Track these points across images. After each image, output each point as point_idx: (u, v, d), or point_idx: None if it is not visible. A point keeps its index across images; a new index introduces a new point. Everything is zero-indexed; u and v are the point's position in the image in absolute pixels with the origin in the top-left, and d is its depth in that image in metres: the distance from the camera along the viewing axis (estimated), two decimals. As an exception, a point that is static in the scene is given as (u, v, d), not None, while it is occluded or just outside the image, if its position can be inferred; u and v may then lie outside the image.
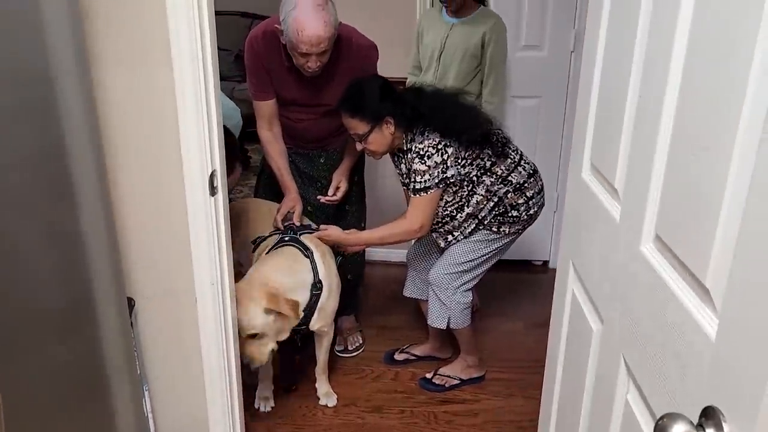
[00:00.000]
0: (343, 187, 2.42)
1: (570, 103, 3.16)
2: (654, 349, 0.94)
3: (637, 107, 1.06)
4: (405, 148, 2.18)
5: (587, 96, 1.35)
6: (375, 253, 3.36)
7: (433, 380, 2.51)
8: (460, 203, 2.22)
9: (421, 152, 2.11)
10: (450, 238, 2.30)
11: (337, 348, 2.69)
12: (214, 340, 1.69)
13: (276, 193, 2.46)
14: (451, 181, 2.16)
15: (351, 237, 2.27)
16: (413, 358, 2.66)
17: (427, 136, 2.11)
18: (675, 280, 0.88)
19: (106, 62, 1.48)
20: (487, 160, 2.19)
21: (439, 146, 2.10)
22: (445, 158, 2.11)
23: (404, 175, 2.25)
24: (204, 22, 1.48)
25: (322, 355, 2.37)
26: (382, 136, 2.15)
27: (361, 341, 2.76)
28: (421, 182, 2.13)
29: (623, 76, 1.12)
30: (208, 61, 1.51)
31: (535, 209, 2.30)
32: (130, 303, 1.68)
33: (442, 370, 2.54)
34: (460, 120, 2.14)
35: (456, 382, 2.51)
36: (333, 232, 2.24)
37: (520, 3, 3.02)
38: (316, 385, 2.42)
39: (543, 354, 1.75)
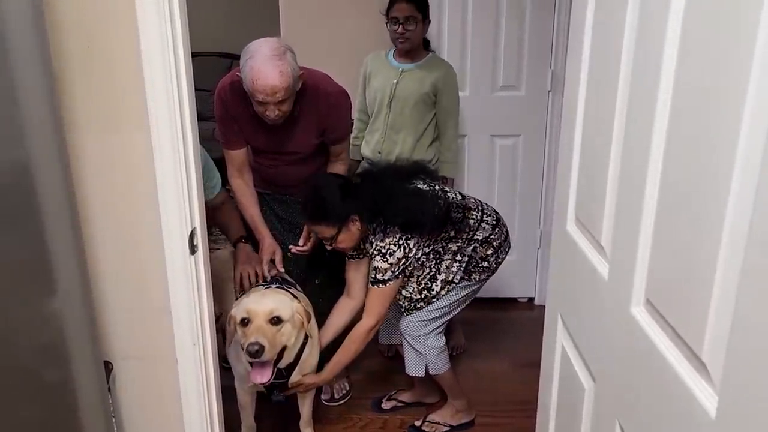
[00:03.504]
0: (314, 237, 2.38)
1: (550, 141, 3.18)
2: (650, 419, 0.91)
3: (622, 161, 1.02)
4: (368, 241, 2.16)
5: (569, 149, 1.32)
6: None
7: (423, 428, 2.46)
8: (431, 273, 2.22)
9: (383, 250, 2.08)
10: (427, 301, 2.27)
11: (323, 397, 2.63)
12: (196, 403, 1.63)
13: (252, 239, 2.41)
14: (417, 264, 2.17)
15: (323, 374, 2.20)
16: (401, 404, 2.61)
17: (388, 233, 2.08)
18: (669, 348, 0.85)
19: (80, 126, 1.44)
20: (450, 230, 2.19)
21: (401, 242, 2.08)
22: (407, 252, 2.09)
23: (357, 252, 2.22)
24: (181, 70, 1.45)
25: (305, 408, 2.30)
26: (350, 233, 2.11)
27: (348, 388, 2.70)
28: (382, 276, 2.11)
29: (606, 126, 1.08)
30: (186, 117, 1.48)
31: (503, 255, 2.33)
32: (108, 366, 1.62)
33: (431, 417, 2.48)
34: (417, 212, 2.05)
35: (446, 429, 2.45)
36: (307, 379, 2.15)
37: (497, 43, 3.05)
38: (302, 439, 2.35)
39: (532, 396, 1.71)
